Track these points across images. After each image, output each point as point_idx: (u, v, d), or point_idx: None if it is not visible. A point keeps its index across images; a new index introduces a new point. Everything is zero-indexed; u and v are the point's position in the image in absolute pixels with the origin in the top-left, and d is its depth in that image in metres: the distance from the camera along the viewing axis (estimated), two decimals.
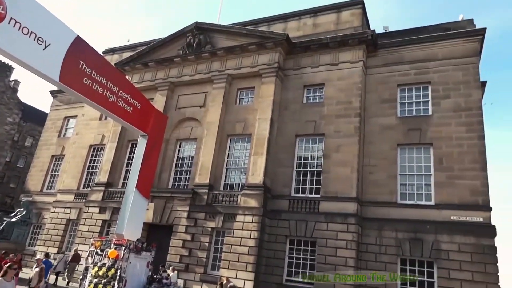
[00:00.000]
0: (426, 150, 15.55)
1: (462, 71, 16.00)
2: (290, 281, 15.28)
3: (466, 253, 13.32)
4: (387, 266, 14.23)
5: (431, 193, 14.85)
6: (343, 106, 16.95)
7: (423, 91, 16.64)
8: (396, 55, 17.49)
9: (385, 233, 14.74)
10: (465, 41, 16.38)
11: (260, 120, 17.90)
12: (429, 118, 15.89)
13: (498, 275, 12.97)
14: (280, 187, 16.96)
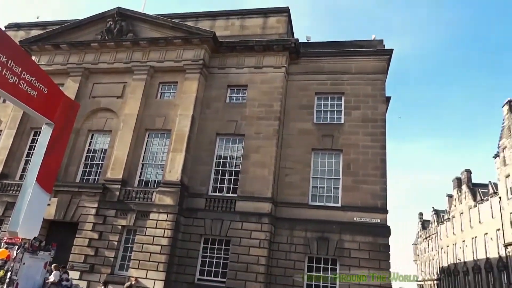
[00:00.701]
0: (336, 155, 16.75)
1: (371, 85, 17.59)
2: (202, 280, 15.21)
3: (365, 251, 14.64)
4: (295, 264, 14.98)
5: (338, 196, 16.03)
6: (264, 108, 17.44)
7: (337, 100, 17.90)
8: (316, 64, 18.55)
9: (296, 232, 15.50)
10: (375, 58, 18.04)
11: (181, 116, 17.53)
12: (341, 126, 17.15)
13: (390, 270, 14.51)
14: (197, 185, 16.80)
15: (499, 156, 38.15)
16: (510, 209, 34.83)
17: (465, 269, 45.65)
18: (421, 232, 72.88)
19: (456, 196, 51.39)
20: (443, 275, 54.96)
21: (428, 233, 66.47)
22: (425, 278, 67.39)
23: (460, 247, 48.25)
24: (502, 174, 37.14)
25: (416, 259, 76.42)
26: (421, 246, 71.67)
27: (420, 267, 72.55)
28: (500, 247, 36.96)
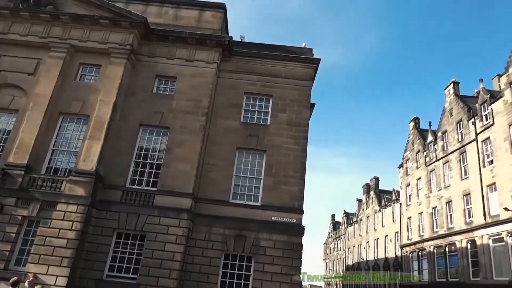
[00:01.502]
0: (260, 155, 17.12)
1: (298, 91, 18.32)
2: (111, 276, 14.41)
3: (279, 249, 15.19)
4: (212, 260, 14.97)
5: (259, 195, 16.40)
6: (192, 103, 17.13)
7: (265, 102, 18.32)
8: (248, 64, 18.76)
9: (215, 229, 15.49)
10: (304, 66, 18.83)
11: (102, 102, 16.42)
12: (267, 127, 17.58)
13: (301, 268, 15.27)
14: (115, 176, 15.89)
15: (402, 166, 42.48)
16: (408, 214, 39.00)
17: (367, 267, 49.98)
18: (332, 232, 78.05)
19: (365, 201, 56.05)
20: (348, 272, 59.47)
21: (338, 234, 71.41)
22: (332, 275, 72.32)
23: (364, 247, 52.73)
24: (404, 183, 41.40)
25: (326, 258, 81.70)
26: (331, 245, 76.77)
27: (328, 265, 77.69)
28: (397, 248, 41.17)
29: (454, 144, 31.86)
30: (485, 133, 27.70)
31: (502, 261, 24.17)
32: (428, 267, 33.34)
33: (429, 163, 35.71)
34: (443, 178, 32.84)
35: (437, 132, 35.21)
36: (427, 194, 35.18)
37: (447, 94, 34.74)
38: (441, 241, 31.58)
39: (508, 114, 25.45)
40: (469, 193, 28.59)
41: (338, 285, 65.84)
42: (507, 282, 23.05)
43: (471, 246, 27.59)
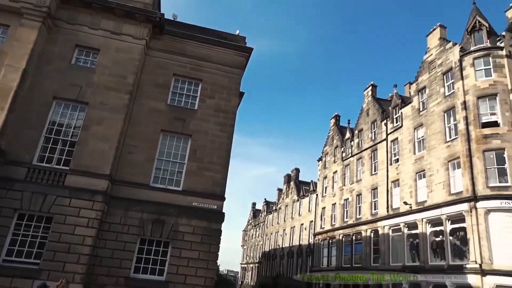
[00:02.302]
0: (185, 140, 16.77)
1: (228, 78, 18.24)
2: (8, 261, 13.07)
3: (198, 235, 15.15)
4: (126, 245, 14.39)
5: (181, 180, 16.09)
6: (116, 79, 16.08)
7: (194, 86, 17.92)
8: (179, 45, 18.11)
9: (132, 213, 14.88)
10: (236, 53, 18.77)
11: (9, 68, 14.61)
12: (194, 111, 17.25)
13: (218, 253, 15.45)
14: (20, 152, 14.33)
15: (322, 160, 45.04)
16: (323, 205, 41.62)
17: (282, 254, 52.45)
18: (252, 220, 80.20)
19: (285, 191, 58.47)
20: (264, 258, 61.86)
21: (258, 221, 73.63)
22: (249, 261, 74.57)
23: (281, 235, 55.18)
24: (321, 175, 43.98)
25: (244, 244, 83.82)
26: (250, 232, 78.93)
27: (246, 251, 79.87)
28: (311, 236, 43.81)
29: (367, 142, 34.64)
30: (394, 134, 30.57)
31: (398, 249, 27.15)
32: (336, 253, 36.09)
33: (345, 158, 38.39)
34: (356, 172, 35.61)
35: (354, 130, 37.93)
36: (341, 186, 37.87)
37: (365, 95, 37.52)
38: (349, 230, 34.35)
39: (414, 118, 28.36)
40: (376, 188, 31.43)
41: (254, 270, 68.16)
42: (400, 267, 26.00)
43: (374, 235, 30.48)
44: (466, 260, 20.95)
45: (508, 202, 20.14)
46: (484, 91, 23.04)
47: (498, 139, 21.60)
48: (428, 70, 27.95)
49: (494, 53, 23.57)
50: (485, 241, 20.12)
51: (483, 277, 19.54)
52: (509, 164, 20.85)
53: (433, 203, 24.12)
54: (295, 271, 46.54)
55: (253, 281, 67.18)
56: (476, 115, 22.79)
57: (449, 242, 22.59)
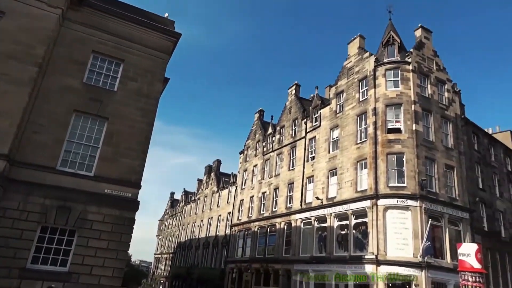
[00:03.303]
0: (101, 123, 15.68)
1: (153, 62, 17.45)
2: None
3: (108, 224, 14.33)
4: (24, 233, 13.03)
5: (93, 165, 15.02)
6: (22, 48, 14.33)
7: (116, 66, 16.81)
8: (101, 20, 16.78)
9: (33, 198, 13.49)
10: (163, 37, 18.03)
11: None
12: (113, 93, 16.19)
13: (129, 243, 14.82)
14: None
15: (243, 153, 45.80)
16: (242, 197, 42.41)
17: (198, 244, 52.35)
18: (169, 210, 78.54)
19: (205, 181, 58.28)
20: (179, 249, 61.11)
21: (175, 211, 72.38)
22: (163, 251, 73.01)
23: (198, 225, 55.01)
24: (242, 168, 44.72)
25: (159, 234, 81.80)
26: (167, 222, 77.25)
27: (161, 241, 78.03)
28: (227, 227, 44.40)
29: (288, 138, 36.10)
30: (312, 132, 32.32)
31: (308, 241, 28.90)
32: (251, 244, 37.14)
33: (266, 152, 39.53)
34: (275, 167, 36.93)
35: (276, 126, 39.22)
36: (260, 180, 38.96)
37: (289, 93, 38.99)
38: (265, 222, 35.57)
39: (331, 119, 30.29)
40: (293, 182, 32.98)
41: (168, 260, 66.96)
42: (308, 258, 27.73)
43: (287, 227, 32.02)
44: (365, 251, 23.11)
45: (403, 200, 22.66)
46: (391, 100, 25.51)
47: (399, 144, 24.14)
48: (347, 75, 30.01)
49: (403, 67, 26.20)
50: (382, 234, 22.41)
51: (378, 267, 21.77)
52: (406, 167, 23.44)
53: (342, 199, 26.12)
54: (210, 261, 46.84)
55: (166, 271, 66.01)
56: (384, 121, 25.15)
57: (352, 235, 24.70)
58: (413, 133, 24.21)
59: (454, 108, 27.72)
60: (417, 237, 21.55)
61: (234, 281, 38.15)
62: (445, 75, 28.27)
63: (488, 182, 29.64)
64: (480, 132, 31.35)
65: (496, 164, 31.64)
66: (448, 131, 26.52)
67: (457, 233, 23.93)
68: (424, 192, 22.91)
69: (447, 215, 23.51)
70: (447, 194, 24.33)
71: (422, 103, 25.49)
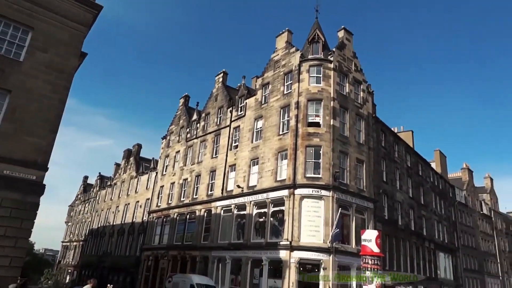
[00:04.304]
0: (2, 95, 13.94)
1: (69, 33, 15.95)
2: None
3: (6, 208, 12.90)
4: None
5: None
6: None
7: (23, 33, 14.99)
8: None
9: None
10: (82, 7, 16.51)
11: None
12: (18, 64, 14.46)
13: (31, 230, 13.52)
14: None
15: (166, 138, 44.51)
16: (162, 183, 41.30)
17: (112, 231, 49.84)
18: (81, 195, 73.31)
19: (123, 166, 55.48)
20: (91, 236, 57.56)
21: (88, 196, 67.85)
22: (72, 239, 68.15)
23: (113, 212, 52.32)
24: (164, 153, 43.50)
25: (69, 221, 76.05)
26: (78, 208, 72.07)
27: (70, 228, 72.66)
28: (145, 214, 42.99)
29: (213, 126, 35.94)
30: (237, 121, 32.60)
31: (227, 228, 29.31)
32: (169, 232, 36.47)
33: (189, 139, 38.89)
34: (198, 154, 36.56)
35: (202, 112, 38.73)
36: (182, 166, 38.28)
37: (216, 81, 38.71)
38: (185, 209, 35.16)
39: (256, 110, 30.85)
40: (215, 170, 33.02)
41: (78, 248, 62.72)
42: (226, 244, 28.19)
43: (207, 215, 32.07)
44: (280, 238, 24.20)
45: (317, 190, 24.14)
46: (313, 95, 26.82)
47: (317, 138, 25.56)
48: (274, 68, 30.72)
49: (325, 64, 27.64)
50: (296, 222, 23.65)
51: (291, 252, 22.97)
52: (323, 159, 24.95)
53: (262, 188, 26.91)
54: (125, 249, 44.99)
55: (75, 260, 61.78)
56: (305, 115, 26.37)
57: (269, 222, 25.65)
58: (330, 128, 25.78)
59: (367, 107, 30.14)
60: (328, 225, 23.18)
61: (149, 268, 37.22)
62: (362, 76, 30.54)
63: (390, 176, 32.97)
64: (387, 130, 34.62)
65: (398, 160, 35.29)
66: (361, 127, 28.78)
67: (362, 221, 26.26)
68: (337, 183, 24.65)
69: (355, 204, 25.65)
70: (356, 185, 26.51)
71: (340, 101, 27.25)
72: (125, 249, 44.91)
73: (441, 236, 41.37)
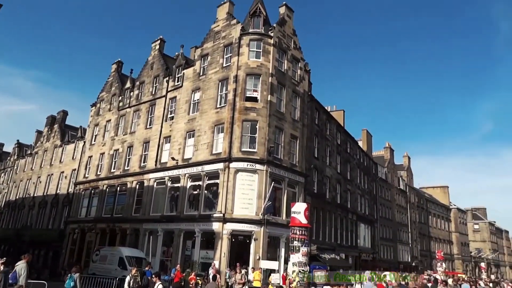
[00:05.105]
0: None
1: None
2: None
3: None
4: None
5: None
6: None
7: None
8: None
9: None
10: None
11: None
12: None
13: None
14: None
15: (96, 106, 41.78)
16: (90, 153, 39.05)
17: (32, 204, 46.37)
18: None
19: (46, 134, 51.26)
20: (7, 209, 53.04)
21: (4, 165, 62.03)
22: None
23: (34, 182, 48.52)
24: (93, 122, 40.93)
25: None
26: None
27: None
28: (71, 186, 40.53)
29: (147, 95, 34.41)
30: (173, 92, 31.57)
31: (160, 200, 28.84)
32: (97, 204, 34.91)
33: (122, 108, 36.91)
34: (131, 124, 34.97)
35: (136, 80, 36.80)
36: (113, 136, 36.39)
37: (153, 48, 36.85)
38: (115, 181, 33.76)
39: (194, 81, 30.09)
40: (149, 141, 31.94)
41: None
42: (159, 217, 27.82)
43: (139, 187, 31.17)
44: (214, 210, 24.45)
45: (252, 164, 24.60)
46: (252, 70, 26.80)
47: (254, 113, 25.79)
48: (213, 39, 29.96)
49: (265, 40, 27.62)
50: (230, 195, 24.01)
51: (224, 224, 23.38)
52: (258, 134, 25.33)
53: (197, 161, 26.70)
54: (47, 222, 42.27)
55: None
56: (243, 89, 26.34)
57: (204, 195, 25.72)
58: (267, 103, 26.12)
59: (304, 85, 30.97)
60: (261, 198, 23.88)
61: (75, 242, 35.53)
62: (300, 54, 31.12)
63: (321, 152, 34.67)
64: (321, 109, 36.06)
65: (329, 137, 37.14)
66: (296, 105, 29.58)
67: (293, 194, 27.48)
68: (271, 158, 25.31)
69: (287, 178, 26.66)
70: (289, 160, 27.47)
71: (278, 77, 27.60)
72: (48, 222, 42.19)
73: (363, 208, 45.02)
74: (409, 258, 60.84)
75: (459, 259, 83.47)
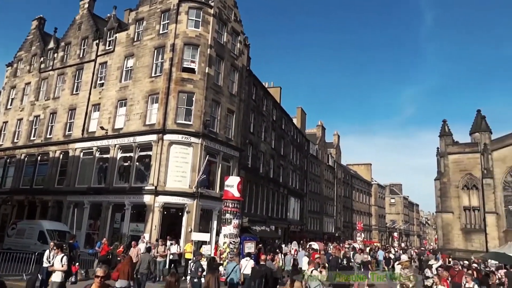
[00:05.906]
0: None
1: None
2: None
3: None
4: None
5: None
6: None
7: None
8: None
9: None
10: None
11: None
12: None
13: None
14: None
15: (12, 66, 37.56)
16: (5, 118, 35.45)
17: None
18: None
19: None
20: None
21: None
22: None
23: None
24: (9, 84, 36.96)
25: None
26: None
27: None
28: None
29: (74, 58, 31.68)
30: (104, 57, 29.42)
31: (87, 171, 27.26)
32: (14, 174, 32.04)
33: (43, 70, 33.65)
34: (55, 89, 32.14)
35: (61, 41, 33.60)
36: (33, 101, 33.22)
37: (81, 6, 33.74)
38: (35, 150, 31.14)
39: (127, 47, 28.26)
40: (75, 109, 29.69)
41: None
42: (85, 189, 26.38)
43: (64, 157, 29.10)
44: (146, 183, 23.78)
45: (187, 137, 24.17)
46: (190, 40, 25.86)
47: (191, 84, 25.13)
48: (150, 3, 28.18)
49: (205, 9, 26.67)
50: (164, 167, 23.47)
51: (156, 197, 22.91)
52: (195, 106, 24.82)
53: (129, 131, 25.52)
54: None
55: None
56: (180, 59, 25.39)
57: (135, 167, 24.82)
58: (205, 75, 25.55)
59: (243, 59, 30.75)
60: (195, 171, 23.70)
61: None
62: (240, 27, 30.67)
63: (257, 128, 35.16)
64: (259, 84, 36.27)
65: (265, 113, 37.69)
66: (234, 79, 29.36)
67: (228, 168, 27.69)
68: (207, 131, 25.07)
69: (222, 152, 26.71)
70: (225, 134, 27.46)
71: (217, 49, 27.01)
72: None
73: (294, 183, 47.05)
74: (333, 229, 65.55)
75: (376, 230, 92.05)
